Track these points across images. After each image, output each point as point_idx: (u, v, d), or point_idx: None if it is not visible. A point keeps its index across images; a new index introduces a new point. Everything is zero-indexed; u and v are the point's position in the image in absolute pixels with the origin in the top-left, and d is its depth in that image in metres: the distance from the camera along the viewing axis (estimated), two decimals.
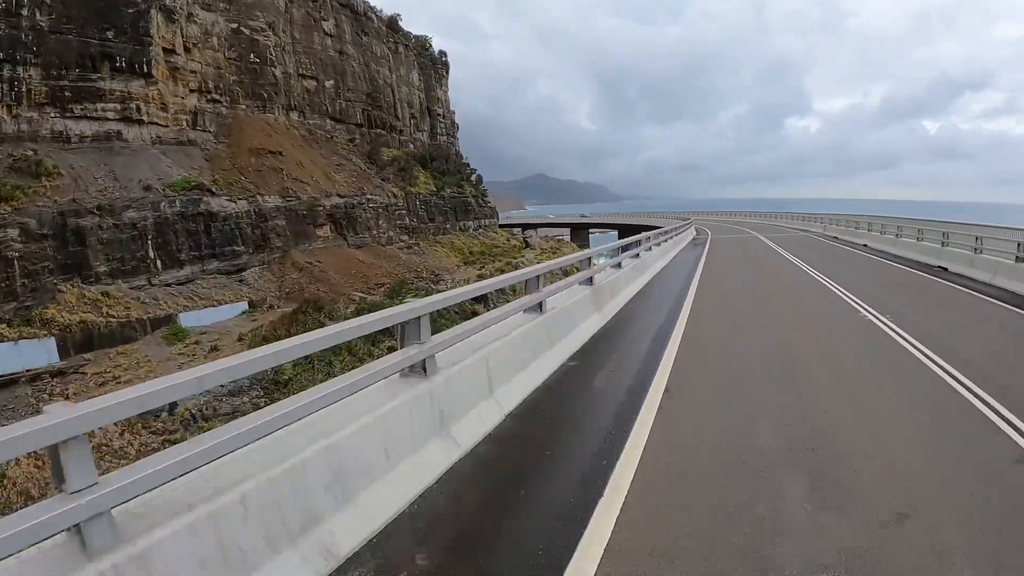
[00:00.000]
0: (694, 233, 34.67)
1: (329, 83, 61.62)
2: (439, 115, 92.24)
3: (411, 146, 74.18)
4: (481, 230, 74.42)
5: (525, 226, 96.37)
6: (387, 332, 6.90)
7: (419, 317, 3.98)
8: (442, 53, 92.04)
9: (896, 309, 9.93)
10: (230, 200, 41.70)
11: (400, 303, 4.27)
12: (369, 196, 55.59)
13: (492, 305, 21.79)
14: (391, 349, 12.38)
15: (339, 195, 52.38)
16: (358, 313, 22.51)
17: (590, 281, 8.91)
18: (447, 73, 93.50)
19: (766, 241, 30.28)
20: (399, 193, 59.92)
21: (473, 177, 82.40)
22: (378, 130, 68.96)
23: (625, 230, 73.08)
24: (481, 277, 37.42)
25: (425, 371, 4.14)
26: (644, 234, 16.07)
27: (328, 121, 61.37)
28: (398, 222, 58.33)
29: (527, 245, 72.43)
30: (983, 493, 3.71)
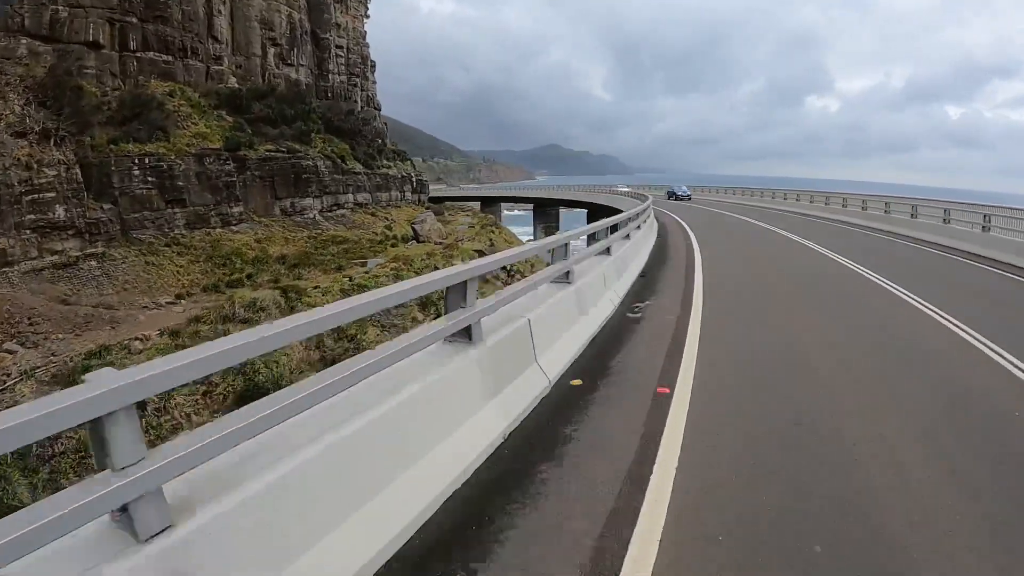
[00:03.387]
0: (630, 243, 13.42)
1: None
2: (337, 47, 64.56)
3: (257, 82, 47.11)
4: (376, 206, 48.26)
5: (442, 199, 78.61)
6: None
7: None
8: None
9: None
10: None
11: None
12: None
13: None
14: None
15: None
16: None
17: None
18: None
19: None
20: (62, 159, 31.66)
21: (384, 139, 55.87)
22: (151, 55, 42.05)
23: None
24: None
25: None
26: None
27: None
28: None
29: (415, 236, 45.74)
30: None
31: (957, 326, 7.44)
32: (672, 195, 45.43)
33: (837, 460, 3.89)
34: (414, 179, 67.95)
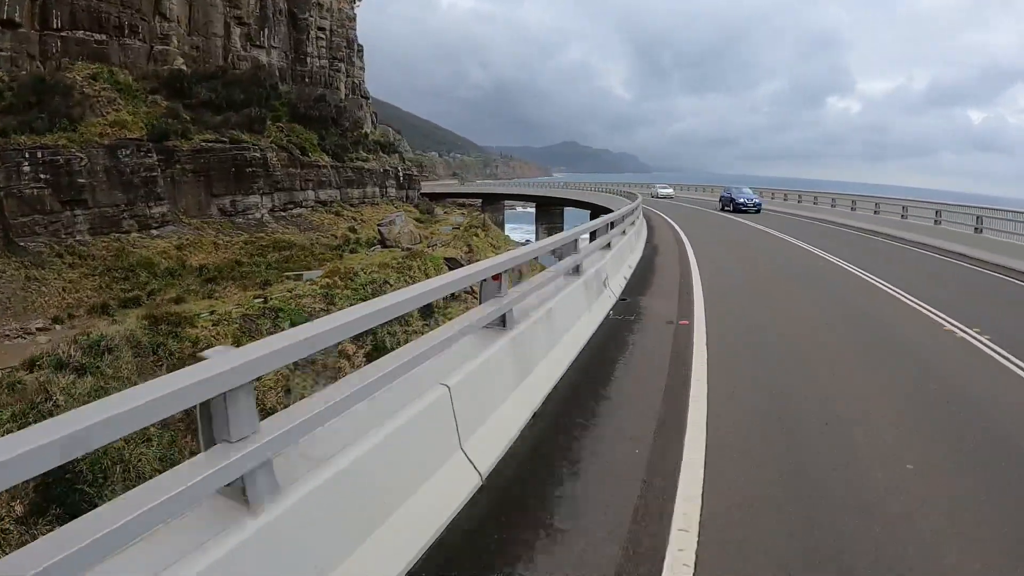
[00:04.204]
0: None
1: None
2: (319, 28, 58.55)
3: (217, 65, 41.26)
4: (342, 205, 41.98)
5: (435, 196, 73.28)
6: None
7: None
8: None
9: None
10: None
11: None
12: None
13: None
14: None
15: None
16: None
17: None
18: None
19: None
20: None
21: (371, 128, 49.78)
22: (80, 34, 36.56)
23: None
24: None
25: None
26: None
27: None
28: None
29: (382, 241, 39.02)
30: None
31: None
32: (731, 203, 29.07)
33: None
34: (400, 173, 61.53)
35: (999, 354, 6.08)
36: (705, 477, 3.40)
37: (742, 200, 29.30)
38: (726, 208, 29.91)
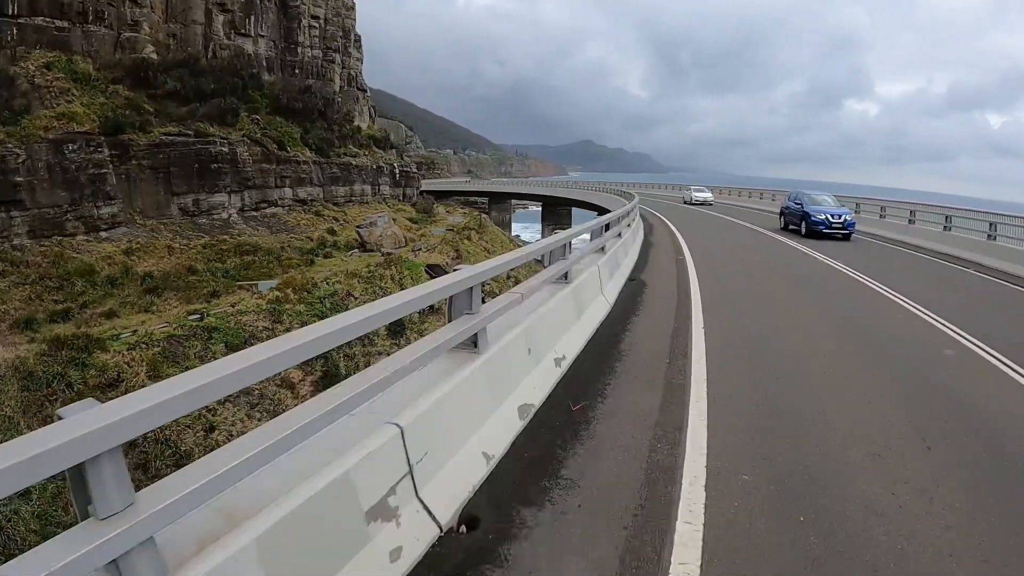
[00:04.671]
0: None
1: None
2: (312, 16, 55.38)
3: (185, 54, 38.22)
4: (321, 205, 38.53)
5: (440, 193, 68.49)
6: None
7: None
8: None
9: None
10: None
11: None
12: None
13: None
14: None
15: None
16: None
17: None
18: None
19: None
20: None
21: (368, 122, 46.69)
22: (39, 20, 33.79)
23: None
24: None
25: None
26: None
27: None
28: None
29: (361, 244, 35.22)
30: None
31: None
32: (801, 222, 19.23)
33: None
34: (396, 170, 58.03)
35: None
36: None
37: (822, 217, 17.83)
38: (792, 227, 19.72)
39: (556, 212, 61.14)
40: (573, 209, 59.68)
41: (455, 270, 3.67)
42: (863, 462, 3.79)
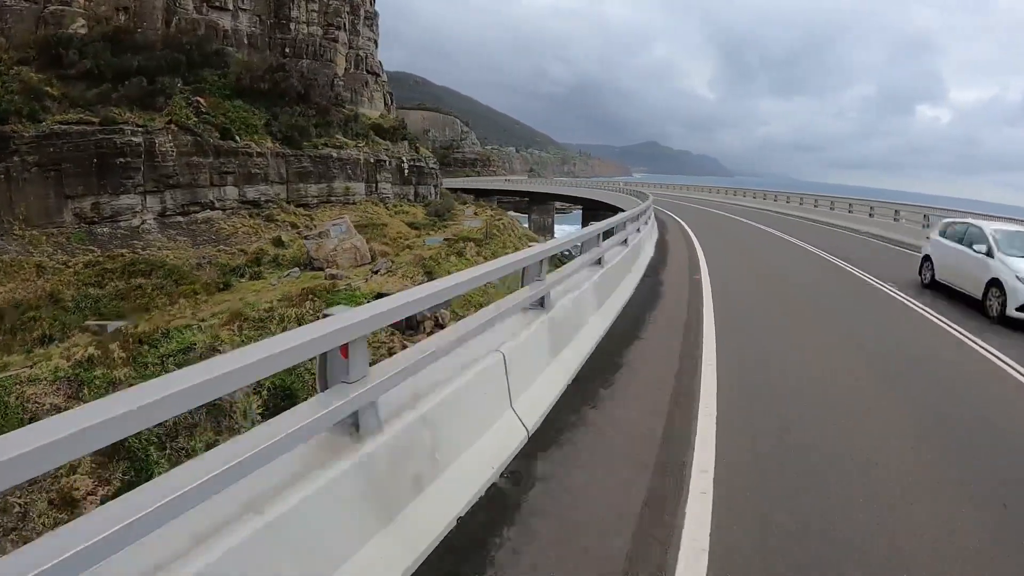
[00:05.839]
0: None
1: None
2: None
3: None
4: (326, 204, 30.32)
5: (478, 193, 66.27)
6: None
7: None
8: None
9: None
10: None
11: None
12: None
13: None
14: None
15: None
16: None
17: None
18: None
19: None
20: None
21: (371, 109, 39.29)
22: None
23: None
24: None
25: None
26: None
27: None
28: None
29: (309, 262, 25.75)
30: None
31: None
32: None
33: None
34: (405, 165, 49.21)
35: None
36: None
37: None
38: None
39: (597, 217, 49.61)
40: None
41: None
42: None
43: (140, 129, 27.60)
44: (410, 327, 21.15)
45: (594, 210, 51.39)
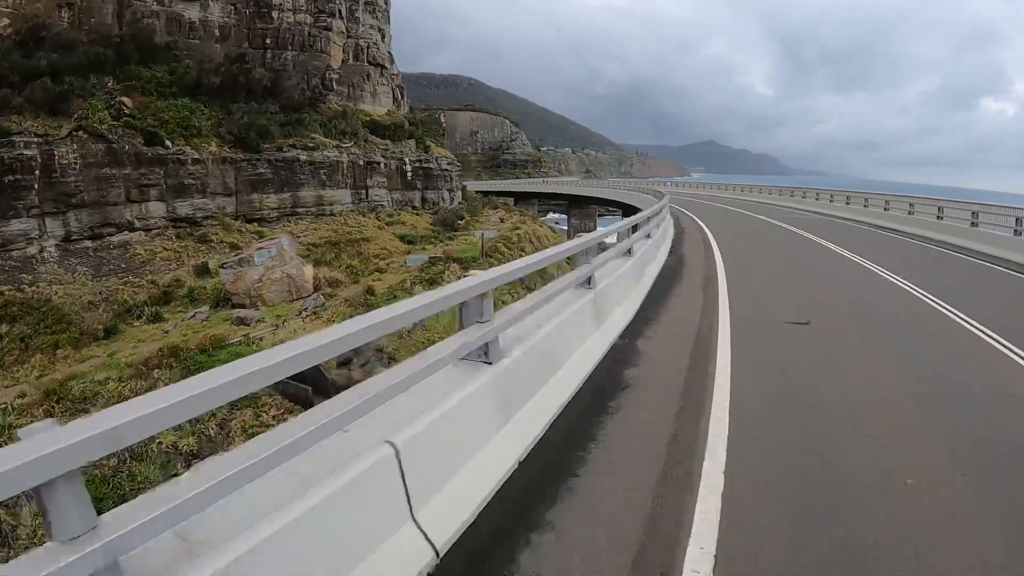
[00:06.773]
0: None
1: None
2: None
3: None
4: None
5: (518, 196, 64.57)
6: None
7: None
8: None
9: None
10: None
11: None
12: None
13: None
14: None
15: None
16: None
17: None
18: None
19: None
20: None
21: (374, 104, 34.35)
22: None
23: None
24: None
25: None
26: None
27: None
28: None
29: (227, 295, 19.49)
30: None
31: None
32: None
33: None
34: (408, 167, 42.61)
35: None
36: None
37: None
38: None
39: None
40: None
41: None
42: None
43: (38, 139, 22.70)
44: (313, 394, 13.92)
45: (630, 212, 42.54)
